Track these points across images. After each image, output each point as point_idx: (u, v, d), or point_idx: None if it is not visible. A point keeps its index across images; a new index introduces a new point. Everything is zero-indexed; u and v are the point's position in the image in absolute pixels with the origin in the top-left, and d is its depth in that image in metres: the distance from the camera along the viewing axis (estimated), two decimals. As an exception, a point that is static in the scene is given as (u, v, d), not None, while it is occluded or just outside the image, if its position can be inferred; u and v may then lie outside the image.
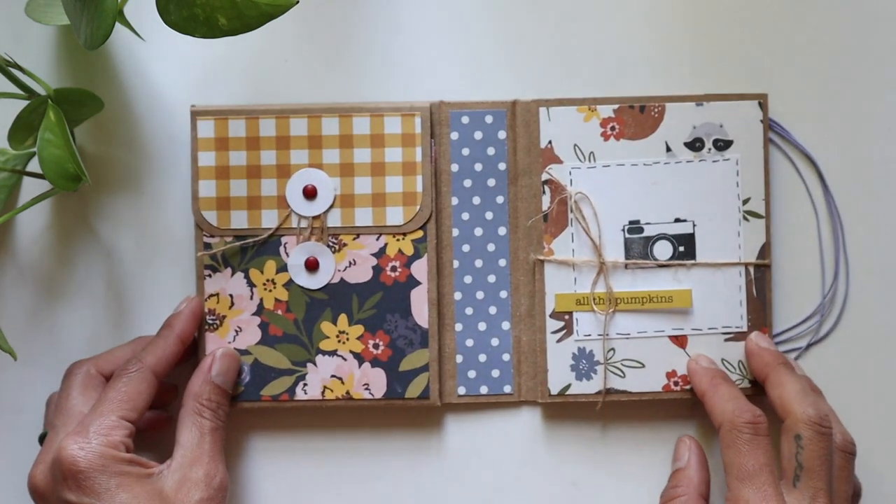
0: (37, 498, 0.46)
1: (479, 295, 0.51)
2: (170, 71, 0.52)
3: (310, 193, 0.51)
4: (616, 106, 0.50)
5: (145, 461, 0.46)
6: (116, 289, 0.52)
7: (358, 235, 0.51)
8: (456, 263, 0.51)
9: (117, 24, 0.46)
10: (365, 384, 0.51)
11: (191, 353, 0.51)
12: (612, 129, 0.50)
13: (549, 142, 0.50)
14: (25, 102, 0.47)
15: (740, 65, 0.52)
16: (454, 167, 0.51)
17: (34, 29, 0.51)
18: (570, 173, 0.50)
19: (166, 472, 0.47)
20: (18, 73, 0.47)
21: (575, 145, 0.50)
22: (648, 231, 0.50)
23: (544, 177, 0.50)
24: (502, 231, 0.51)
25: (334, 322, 0.51)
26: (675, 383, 0.50)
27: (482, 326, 0.51)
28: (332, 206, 0.51)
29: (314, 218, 0.51)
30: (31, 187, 0.52)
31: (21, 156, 0.50)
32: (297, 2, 0.42)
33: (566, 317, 0.51)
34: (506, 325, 0.51)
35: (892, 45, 0.52)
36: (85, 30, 0.43)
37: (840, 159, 0.52)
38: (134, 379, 0.47)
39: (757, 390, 0.50)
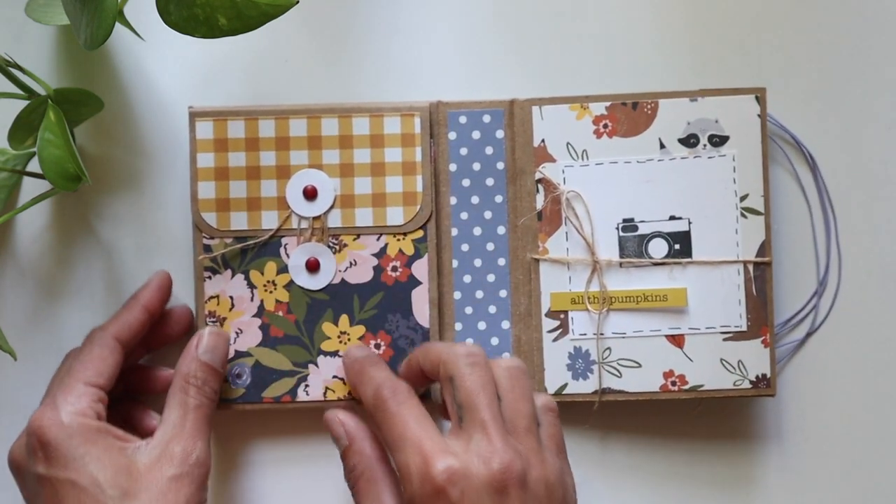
0: (15, 472, 0.46)
1: (479, 294, 0.51)
2: (170, 71, 0.51)
3: (310, 194, 0.50)
4: (608, 103, 0.49)
5: (121, 433, 0.45)
6: (116, 289, 0.52)
7: (358, 236, 0.51)
8: (455, 263, 0.51)
9: (117, 24, 0.46)
10: (368, 384, 0.51)
11: (184, 333, 0.51)
12: (605, 126, 0.49)
13: (542, 140, 0.50)
14: (25, 102, 0.47)
15: (735, 61, 0.51)
16: (452, 167, 0.51)
17: (34, 29, 0.50)
18: (563, 172, 0.50)
19: (144, 447, 0.45)
20: (18, 73, 0.47)
21: (568, 143, 0.50)
22: (643, 229, 0.49)
23: (537, 175, 0.50)
24: (501, 230, 0.51)
25: (335, 323, 0.50)
26: (673, 383, 0.49)
27: (482, 326, 0.51)
28: (332, 207, 0.50)
29: (314, 219, 0.50)
30: (31, 187, 0.51)
31: (21, 156, 0.50)
32: (297, 2, 0.42)
33: (562, 316, 0.50)
34: (505, 325, 0.51)
35: (891, 41, 0.51)
36: (85, 30, 0.43)
37: (838, 156, 0.51)
38: (95, 345, 0.47)
39: (759, 390, 0.49)
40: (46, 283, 0.52)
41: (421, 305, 0.50)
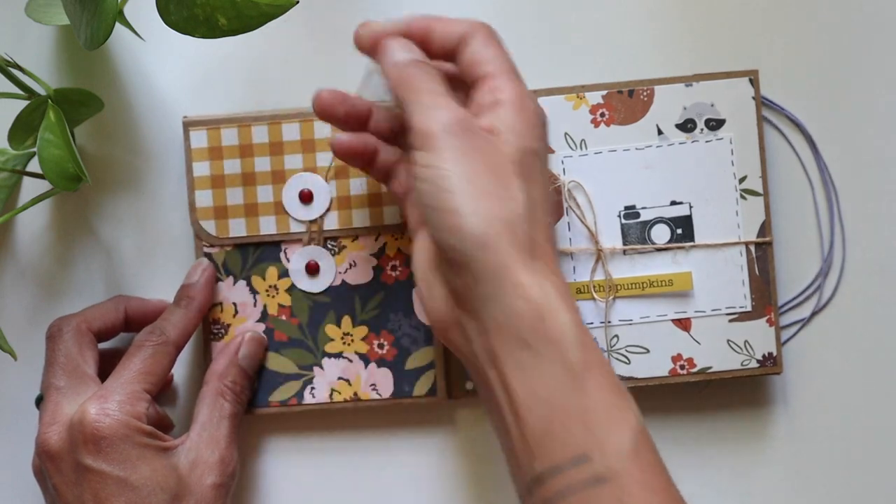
0: (47, 459, 0.45)
1: (481, 289, 0.51)
2: (170, 71, 0.52)
3: (306, 198, 0.51)
4: (604, 92, 0.51)
5: (162, 435, 0.46)
6: (116, 289, 0.52)
7: (357, 237, 0.51)
8: (456, 259, 0.52)
9: (117, 24, 0.47)
10: (372, 385, 0.51)
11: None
12: (602, 115, 0.51)
13: (542, 132, 0.51)
14: (25, 102, 0.47)
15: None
16: (450, 163, 0.52)
17: (34, 29, 0.51)
18: (562, 162, 0.51)
19: (181, 448, 0.46)
20: (18, 73, 0.48)
21: (566, 134, 0.51)
22: (645, 215, 0.51)
23: (538, 167, 0.51)
24: (501, 224, 0.52)
25: (338, 324, 0.51)
26: (682, 367, 0.50)
27: (485, 322, 0.51)
28: (328, 210, 0.51)
29: (311, 222, 0.51)
30: (31, 187, 0.52)
31: (21, 156, 0.50)
32: (297, 2, 0.43)
33: (568, 306, 0.51)
34: (509, 318, 0.51)
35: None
36: (85, 30, 0.44)
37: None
38: (158, 353, 0.47)
39: (766, 368, 0.50)
40: (46, 283, 0.52)
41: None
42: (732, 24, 0.53)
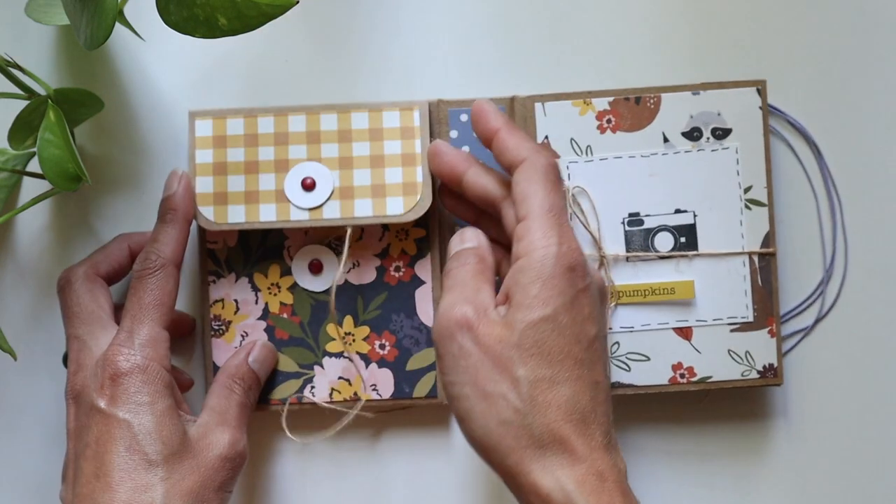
0: (72, 403, 0.46)
1: (483, 292, 0.51)
2: (170, 71, 0.52)
3: (308, 186, 0.50)
4: (611, 98, 0.50)
5: (179, 396, 0.46)
6: (116, 289, 0.52)
7: (361, 237, 0.51)
8: (459, 261, 0.51)
9: (117, 24, 0.47)
10: (373, 385, 0.51)
11: (188, 331, 0.52)
12: (608, 121, 0.50)
13: (546, 137, 0.51)
14: (25, 102, 0.47)
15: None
16: (455, 165, 0.51)
17: (34, 29, 0.51)
18: (567, 168, 0.50)
19: (192, 422, 0.46)
20: (18, 73, 0.48)
21: (571, 139, 0.51)
22: (649, 223, 0.50)
23: (542, 172, 0.51)
24: (505, 228, 0.51)
25: (340, 324, 0.51)
26: (682, 375, 0.50)
27: (485, 325, 0.51)
28: (330, 198, 0.50)
29: (312, 210, 0.50)
30: (31, 187, 0.52)
31: (21, 156, 0.50)
32: (297, 2, 0.42)
33: (570, 311, 0.50)
34: (510, 322, 0.51)
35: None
36: (85, 30, 0.43)
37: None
38: (162, 279, 0.47)
39: (766, 379, 0.50)
40: (46, 283, 0.52)
41: (425, 305, 0.51)
42: (740, 33, 0.52)
